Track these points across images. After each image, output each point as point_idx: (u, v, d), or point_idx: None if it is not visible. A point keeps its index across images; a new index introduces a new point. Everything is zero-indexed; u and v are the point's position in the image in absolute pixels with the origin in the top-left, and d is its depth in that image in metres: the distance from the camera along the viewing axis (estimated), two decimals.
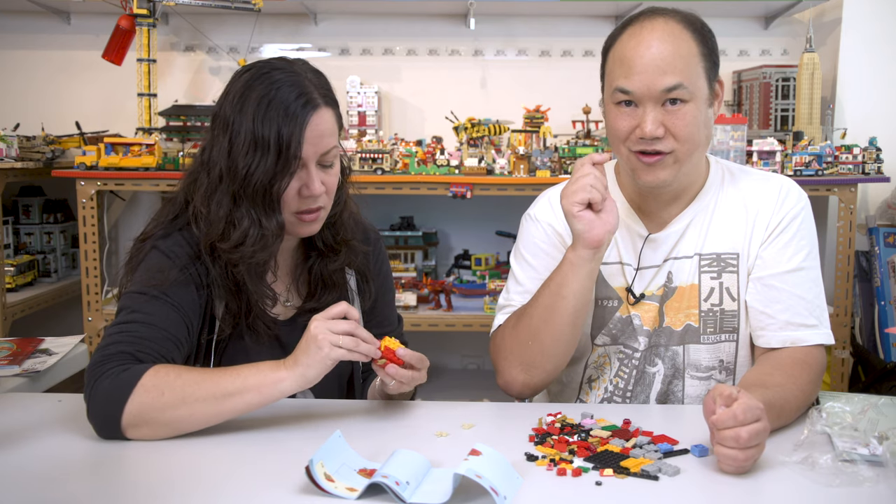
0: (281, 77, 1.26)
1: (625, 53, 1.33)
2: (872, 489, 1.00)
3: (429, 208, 3.21)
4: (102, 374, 1.14)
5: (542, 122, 2.86)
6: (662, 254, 1.44)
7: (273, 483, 1.01)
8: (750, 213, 1.43)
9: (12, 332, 2.67)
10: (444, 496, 0.95)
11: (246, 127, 1.23)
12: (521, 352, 1.39)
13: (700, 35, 1.34)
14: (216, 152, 1.27)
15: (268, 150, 1.22)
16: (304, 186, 1.27)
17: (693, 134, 1.33)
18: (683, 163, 1.35)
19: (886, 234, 2.89)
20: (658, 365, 1.45)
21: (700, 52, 1.33)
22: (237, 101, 1.25)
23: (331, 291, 1.41)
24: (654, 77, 1.30)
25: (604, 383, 1.48)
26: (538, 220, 1.50)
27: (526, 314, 1.39)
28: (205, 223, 1.27)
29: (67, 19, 3.21)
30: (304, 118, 1.24)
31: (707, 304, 1.43)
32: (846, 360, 2.80)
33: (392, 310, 1.57)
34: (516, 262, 1.52)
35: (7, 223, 2.93)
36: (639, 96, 1.32)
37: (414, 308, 2.81)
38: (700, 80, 1.33)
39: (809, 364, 1.34)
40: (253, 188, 1.23)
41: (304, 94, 1.25)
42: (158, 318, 1.22)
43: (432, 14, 3.21)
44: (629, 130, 1.34)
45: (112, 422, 1.13)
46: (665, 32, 1.32)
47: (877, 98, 3.07)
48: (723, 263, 1.43)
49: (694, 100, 1.32)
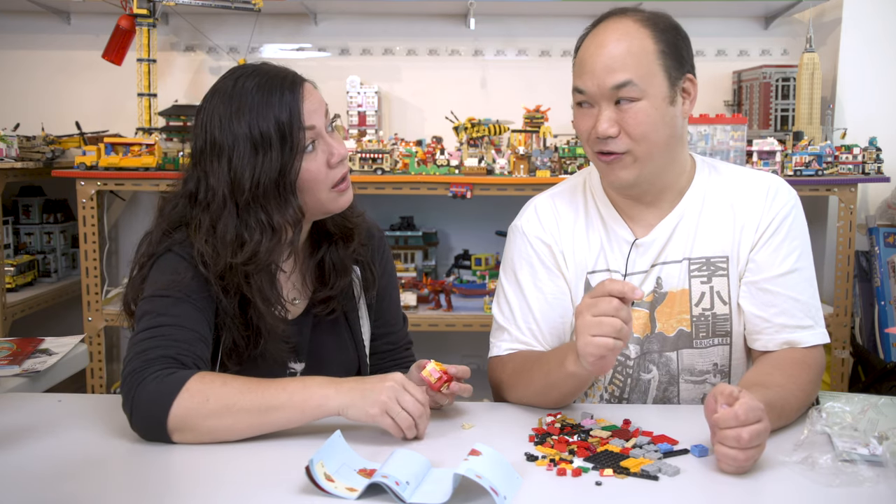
0: (253, 82, 1.25)
1: (583, 54, 1.35)
2: (872, 489, 1.00)
3: (429, 208, 3.21)
4: (147, 378, 1.12)
5: (542, 122, 2.86)
6: (650, 259, 1.41)
7: (273, 483, 1.01)
8: (738, 214, 1.41)
9: (12, 332, 2.67)
10: (444, 496, 0.95)
11: (241, 137, 1.23)
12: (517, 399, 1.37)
13: (660, 33, 1.33)
14: (214, 180, 1.25)
15: (270, 144, 1.22)
16: (330, 154, 1.28)
17: (648, 133, 1.31)
18: (645, 162, 1.34)
19: (886, 234, 2.89)
20: (652, 371, 1.44)
21: (656, 49, 1.32)
22: (224, 123, 1.24)
23: (342, 278, 1.41)
24: (602, 75, 1.30)
25: (598, 391, 1.47)
26: (525, 234, 1.46)
27: (523, 381, 1.35)
28: (212, 258, 1.24)
29: (67, 19, 3.21)
30: (295, 96, 1.25)
31: (698, 308, 1.41)
32: (846, 360, 2.80)
33: (397, 309, 1.56)
34: (506, 279, 1.48)
35: (7, 223, 2.93)
36: (592, 95, 1.32)
37: (414, 308, 2.80)
38: (655, 77, 1.31)
39: (809, 364, 1.34)
40: (263, 188, 1.23)
41: (282, 79, 1.26)
42: (187, 319, 1.21)
43: (432, 14, 3.21)
44: (588, 130, 1.35)
45: (158, 425, 1.11)
46: (619, 32, 1.33)
47: (877, 98, 3.07)
48: (713, 267, 1.41)
49: (647, 97, 1.30)
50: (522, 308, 1.44)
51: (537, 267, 1.44)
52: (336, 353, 1.43)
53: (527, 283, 1.44)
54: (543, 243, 1.45)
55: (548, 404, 1.33)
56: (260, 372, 1.23)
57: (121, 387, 1.16)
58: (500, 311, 1.48)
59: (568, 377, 1.25)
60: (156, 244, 1.30)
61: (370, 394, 1.13)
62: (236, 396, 1.13)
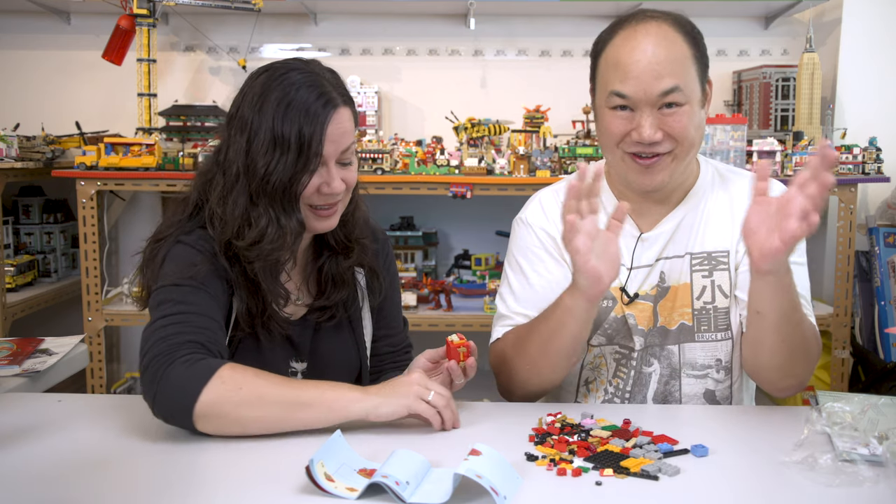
0: (299, 78, 1.26)
1: (619, 57, 1.33)
2: (872, 489, 1.00)
3: (429, 208, 3.21)
4: (174, 361, 1.11)
5: (542, 122, 2.86)
6: (654, 253, 1.44)
7: (273, 483, 1.01)
8: (736, 211, 1.43)
9: (12, 332, 2.67)
10: (444, 496, 0.95)
11: (265, 126, 1.24)
12: (518, 371, 1.39)
13: (691, 37, 1.35)
14: (233, 152, 1.28)
15: (288, 148, 1.23)
16: (325, 184, 1.28)
17: (690, 135, 1.34)
18: (680, 162, 1.37)
19: (886, 234, 2.89)
20: (654, 365, 1.45)
21: (692, 54, 1.34)
22: (256, 102, 1.26)
23: (340, 290, 1.42)
24: (650, 81, 1.30)
25: (602, 385, 1.48)
26: (530, 224, 1.50)
27: (523, 343, 1.38)
28: (220, 222, 1.27)
29: (67, 19, 3.21)
30: (324, 117, 1.25)
31: (700, 302, 1.43)
32: (846, 360, 2.79)
33: (398, 312, 1.57)
34: (510, 269, 1.51)
35: (7, 223, 2.93)
36: (635, 100, 1.32)
37: (414, 308, 2.81)
38: (694, 82, 1.34)
39: None
40: (272, 186, 1.24)
41: (324, 94, 1.26)
42: (206, 307, 1.22)
43: (432, 14, 3.21)
44: (624, 133, 1.35)
45: (184, 410, 1.10)
46: (659, 36, 1.32)
47: (877, 98, 3.07)
48: (714, 261, 1.44)
49: (689, 102, 1.33)
50: (526, 291, 1.46)
51: (542, 255, 1.47)
52: (337, 354, 1.44)
53: (530, 269, 1.47)
54: (547, 234, 1.48)
55: (548, 367, 1.34)
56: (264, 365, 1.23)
57: (142, 372, 1.14)
58: (502, 302, 1.50)
59: (565, 314, 1.27)
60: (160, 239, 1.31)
61: (398, 387, 1.17)
62: (269, 388, 1.13)
